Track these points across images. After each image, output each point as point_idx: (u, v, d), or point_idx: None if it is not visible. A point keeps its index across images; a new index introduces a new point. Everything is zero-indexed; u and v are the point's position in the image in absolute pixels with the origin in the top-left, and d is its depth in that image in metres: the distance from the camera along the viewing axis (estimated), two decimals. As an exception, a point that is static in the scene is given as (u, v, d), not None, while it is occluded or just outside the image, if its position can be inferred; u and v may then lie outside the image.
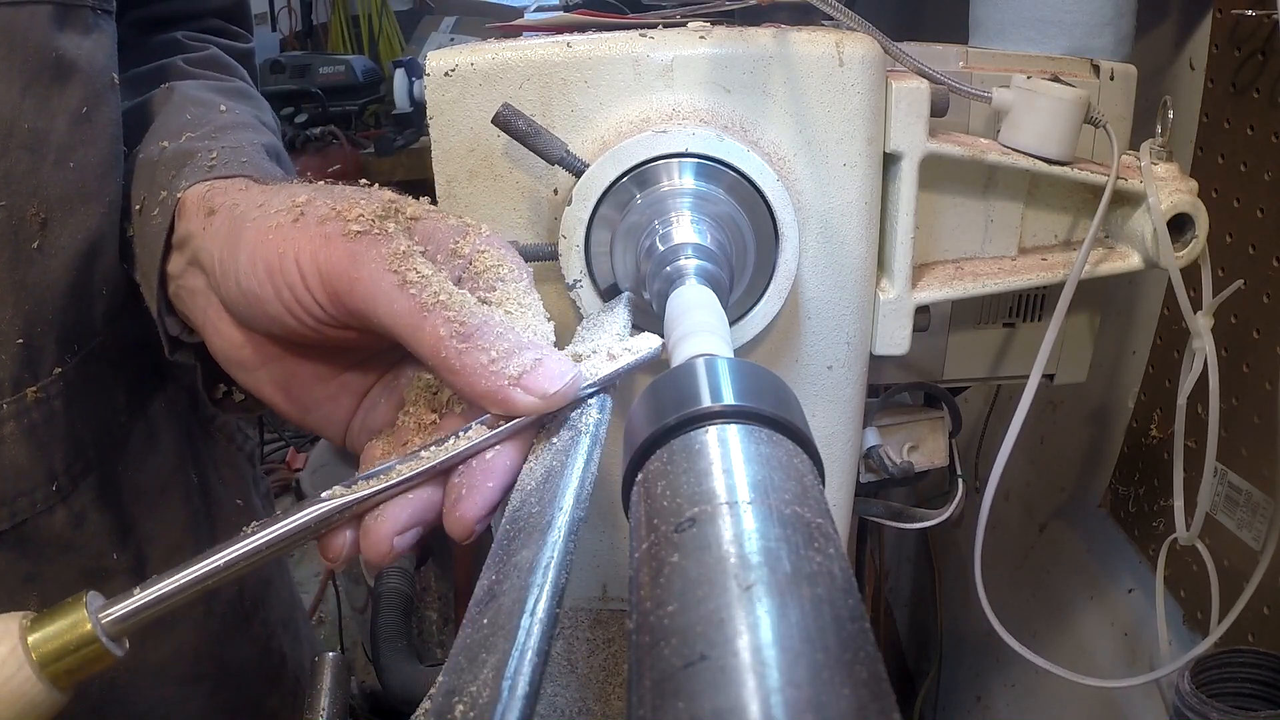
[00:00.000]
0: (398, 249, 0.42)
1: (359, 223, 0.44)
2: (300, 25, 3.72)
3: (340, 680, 0.55)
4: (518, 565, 0.32)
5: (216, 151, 0.57)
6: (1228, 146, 0.82)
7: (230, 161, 0.57)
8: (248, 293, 0.46)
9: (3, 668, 0.36)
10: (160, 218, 0.55)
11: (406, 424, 0.46)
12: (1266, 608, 0.78)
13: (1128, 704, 0.98)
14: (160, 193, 0.56)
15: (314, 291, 0.44)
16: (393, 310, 0.41)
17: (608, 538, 0.67)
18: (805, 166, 0.57)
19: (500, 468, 0.41)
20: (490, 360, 0.40)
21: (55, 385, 0.58)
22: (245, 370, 0.51)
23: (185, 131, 0.60)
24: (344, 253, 0.43)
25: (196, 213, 0.53)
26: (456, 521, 0.40)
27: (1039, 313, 0.74)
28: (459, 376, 0.40)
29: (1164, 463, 0.92)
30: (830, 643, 0.21)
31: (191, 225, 0.53)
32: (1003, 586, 1.27)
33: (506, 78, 0.56)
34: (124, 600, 0.39)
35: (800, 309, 0.60)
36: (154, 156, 0.59)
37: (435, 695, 0.27)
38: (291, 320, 0.45)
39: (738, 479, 0.28)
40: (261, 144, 0.62)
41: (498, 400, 0.40)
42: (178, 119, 0.63)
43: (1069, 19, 0.71)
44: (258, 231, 0.46)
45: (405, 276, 0.41)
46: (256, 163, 0.59)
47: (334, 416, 0.52)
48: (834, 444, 0.64)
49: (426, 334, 0.41)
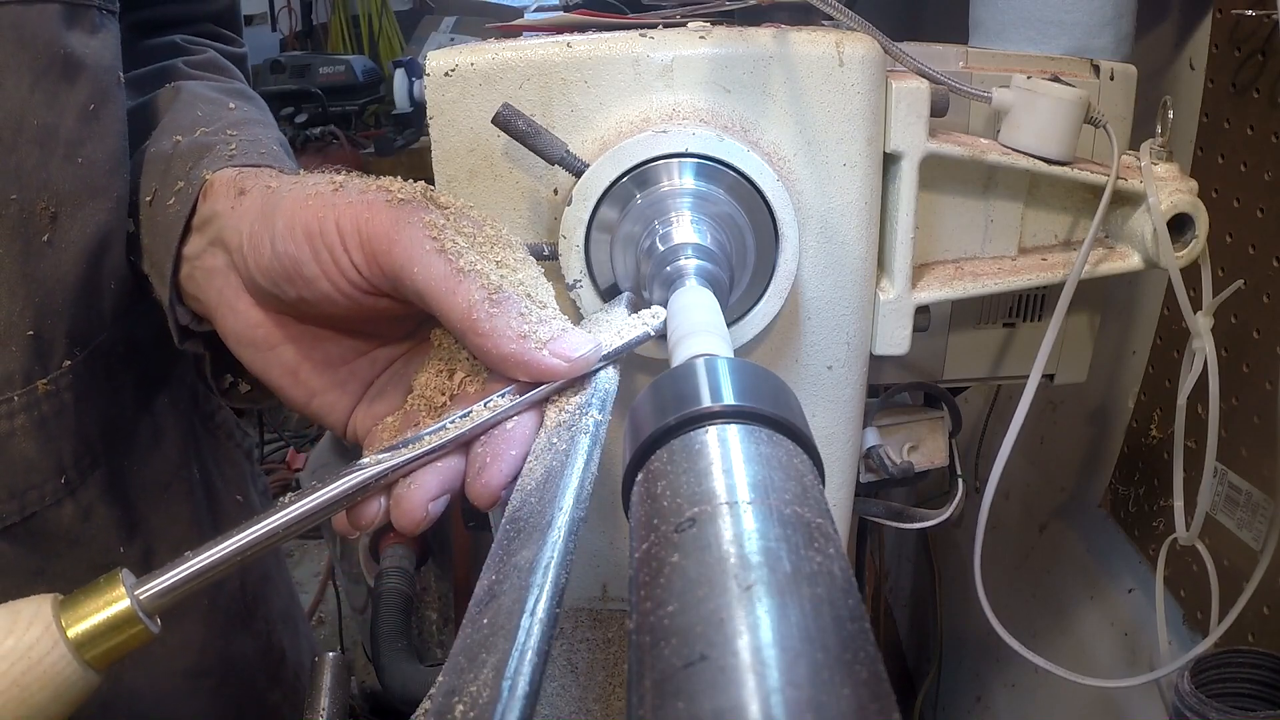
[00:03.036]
0: (436, 220, 0.45)
1: (403, 193, 0.46)
2: (300, 25, 3.72)
3: (340, 680, 0.55)
4: (518, 565, 0.32)
5: (235, 144, 0.59)
6: (1228, 146, 0.82)
7: (250, 152, 0.58)
8: (284, 256, 0.47)
9: (37, 649, 0.35)
10: (178, 205, 0.56)
11: (417, 406, 0.48)
12: (1266, 608, 0.78)
13: (1127, 704, 0.98)
14: (176, 183, 0.57)
15: (352, 253, 0.45)
16: (429, 273, 0.43)
17: (608, 538, 0.67)
18: (805, 166, 0.57)
19: (521, 436, 0.42)
20: (520, 325, 0.42)
21: (65, 378, 0.59)
22: (257, 350, 0.52)
23: (199, 127, 0.62)
24: (387, 216, 0.45)
25: (226, 193, 0.54)
26: (482, 488, 0.41)
27: (1039, 313, 0.74)
28: (488, 339, 0.42)
29: (1164, 463, 0.92)
30: (830, 643, 0.21)
31: (219, 205, 0.54)
32: (1003, 586, 1.27)
33: (506, 78, 0.56)
34: (160, 575, 0.38)
35: (800, 309, 0.60)
36: (167, 151, 0.60)
37: (435, 695, 0.27)
38: (326, 284, 0.47)
39: (738, 479, 0.28)
40: (276, 139, 0.63)
41: (524, 362, 0.42)
42: (188, 115, 0.64)
43: (1069, 19, 0.71)
44: (296, 199, 0.48)
45: (444, 244, 0.43)
46: (275, 154, 0.60)
47: (339, 404, 0.53)
48: (834, 444, 0.64)
49: (460, 297, 0.42)
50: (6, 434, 0.56)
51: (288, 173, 0.56)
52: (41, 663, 0.35)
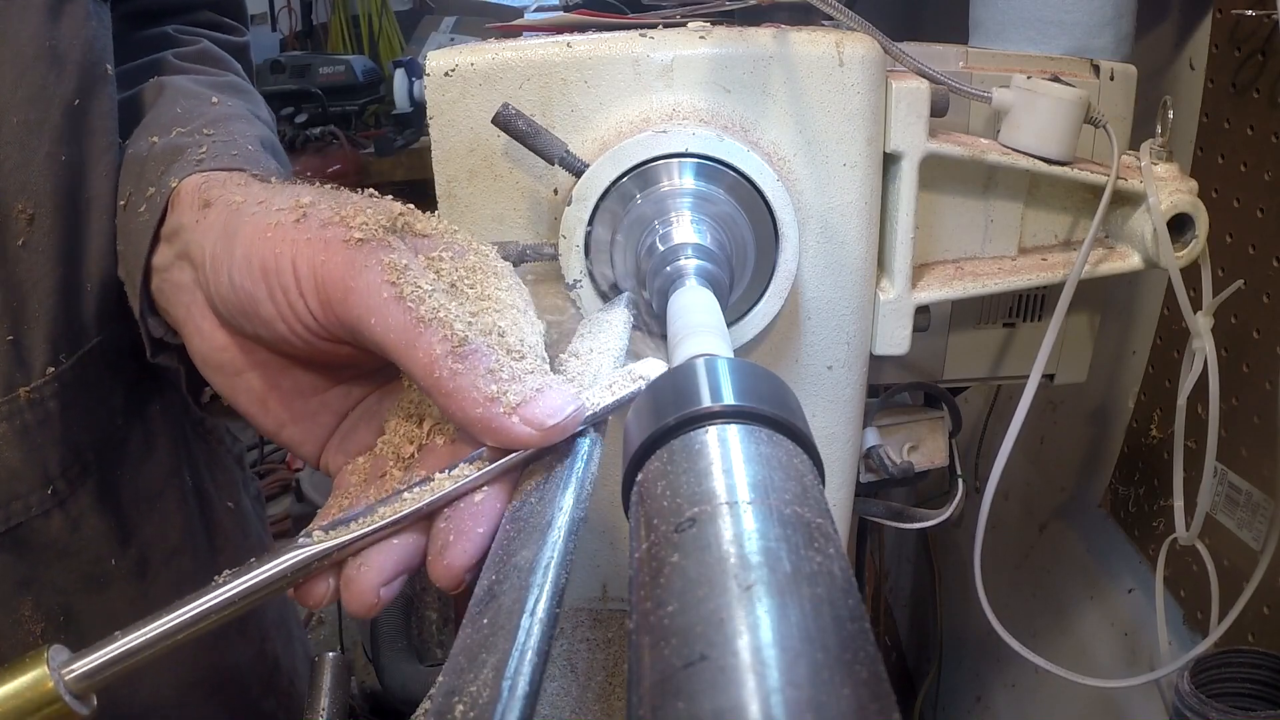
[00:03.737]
0: (398, 262, 0.40)
1: (361, 230, 0.41)
2: (300, 25, 3.72)
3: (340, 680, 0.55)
4: (518, 565, 0.32)
5: (206, 145, 0.55)
6: (1228, 146, 0.82)
7: (221, 155, 0.55)
8: (240, 290, 0.44)
9: None
10: (148, 214, 0.53)
11: (385, 453, 0.44)
12: (1266, 608, 0.78)
13: (1127, 704, 0.98)
14: (148, 189, 0.54)
15: (307, 298, 0.41)
16: (386, 324, 0.39)
17: (608, 538, 0.67)
18: (805, 166, 0.57)
19: (490, 511, 0.38)
20: (487, 384, 0.37)
21: (50, 386, 0.57)
22: (224, 375, 0.49)
23: (175, 126, 0.58)
24: (342, 260, 0.40)
25: (190, 204, 0.50)
26: (444, 571, 0.37)
27: (1039, 313, 0.74)
28: (451, 400, 0.38)
29: (1164, 463, 0.92)
30: (830, 643, 0.21)
31: (184, 217, 0.51)
32: (1003, 586, 1.27)
33: (506, 78, 0.56)
34: (88, 655, 0.36)
35: (800, 309, 0.60)
36: (143, 152, 0.57)
37: (435, 695, 0.27)
38: (283, 326, 0.43)
39: (738, 479, 0.28)
40: (256, 136, 0.60)
41: (491, 429, 0.37)
42: (168, 113, 0.61)
43: (1069, 19, 0.71)
44: (256, 228, 0.44)
45: (402, 290, 0.39)
46: (249, 155, 0.56)
47: (311, 435, 0.49)
48: (834, 444, 0.64)
49: (420, 351, 0.38)
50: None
51: (258, 180, 0.51)
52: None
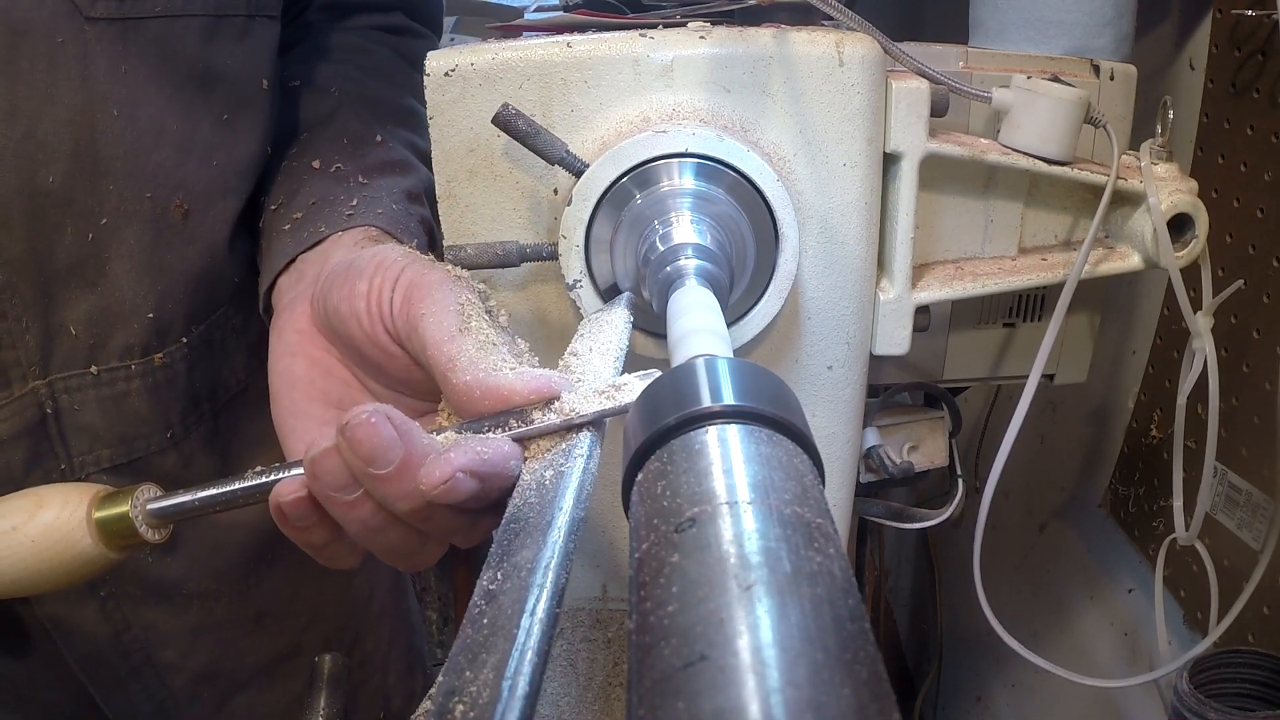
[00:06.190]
0: (474, 300, 0.47)
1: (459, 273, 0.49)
2: (300, 25, 3.71)
3: (340, 680, 0.55)
4: (518, 565, 0.32)
5: (356, 199, 0.63)
6: (1228, 146, 0.82)
7: (367, 213, 0.62)
8: (351, 269, 0.50)
9: (73, 531, 0.46)
10: (293, 243, 0.60)
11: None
12: (1266, 608, 0.78)
13: (1127, 704, 0.98)
14: (295, 213, 0.62)
15: (397, 292, 0.48)
16: (439, 324, 0.45)
17: (608, 538, 0.67)
18: (805, 166, 0.57)
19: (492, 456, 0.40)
20: (486, 356, 0.44)
21: (180, 351, 0.64)
22: (282, 357, 0.54)
23: (336, 160, 0.65)
24: (439, 278, 0.47)
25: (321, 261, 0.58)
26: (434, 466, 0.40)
27: (1039, 313, 0.74)
28: (453, 368, 0.43)
29: (1164, 463, 0.92)
30: (830, 643, 0.21)
31: (308, 269, 0.58)
32: (1003, 586, 1.27)
33: (506, 78, 0.56)
34: (168, 498, 0.47)
35: (800, 309, 0.60)
36: (302, 172, 0.65)
37: (435, 695, 0.27)
38: (361, 305, 0.48)
39: (738, 479, 0.28)
40: (403, 191, 0.66)
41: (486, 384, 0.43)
42: (335, 143, 0.67)
43: (1069, 19, 0.71)
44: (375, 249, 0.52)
45: (465, 310, 0.46)
46: (392, 215, 0.63)
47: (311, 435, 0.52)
48: (834, 444, 0.64)
49: (449, 343, 0.44)
50: (122, 394, 0.61)
51: (386, 239, 0.59)
52: (71, 539, 0.46)
